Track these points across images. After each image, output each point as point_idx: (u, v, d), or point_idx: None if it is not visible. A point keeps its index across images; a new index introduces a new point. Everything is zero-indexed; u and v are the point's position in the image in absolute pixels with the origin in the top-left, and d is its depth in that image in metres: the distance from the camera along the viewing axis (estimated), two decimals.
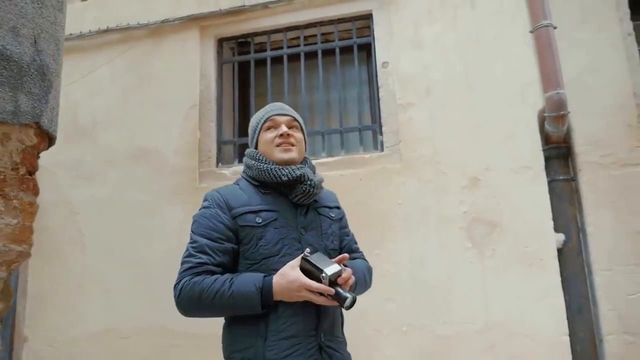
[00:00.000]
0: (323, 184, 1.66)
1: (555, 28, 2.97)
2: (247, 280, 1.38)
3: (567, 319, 2.75)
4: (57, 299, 3.48)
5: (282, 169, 1.52)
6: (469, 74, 3.10)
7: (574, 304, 2.80)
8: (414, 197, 3.04)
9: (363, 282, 1.59)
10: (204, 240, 1.45)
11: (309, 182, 1.52)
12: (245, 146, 3.62)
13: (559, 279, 2.79)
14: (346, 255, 1.42)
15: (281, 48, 3.64)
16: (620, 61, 2.94)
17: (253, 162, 1.57)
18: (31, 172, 1.15)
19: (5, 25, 1.09)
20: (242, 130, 3.68)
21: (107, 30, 3.78)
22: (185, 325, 3.22)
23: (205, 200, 1.56)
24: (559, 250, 2.84)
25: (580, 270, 2.85)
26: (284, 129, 1.57)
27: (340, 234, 1.66)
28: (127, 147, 3.60)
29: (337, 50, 3.49)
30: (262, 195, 1.54)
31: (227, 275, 1.41)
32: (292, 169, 1.52)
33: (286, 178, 1.50)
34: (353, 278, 1.41)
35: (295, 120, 1.65)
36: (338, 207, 1.71)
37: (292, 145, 1.57)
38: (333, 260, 1.38)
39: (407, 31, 3.28)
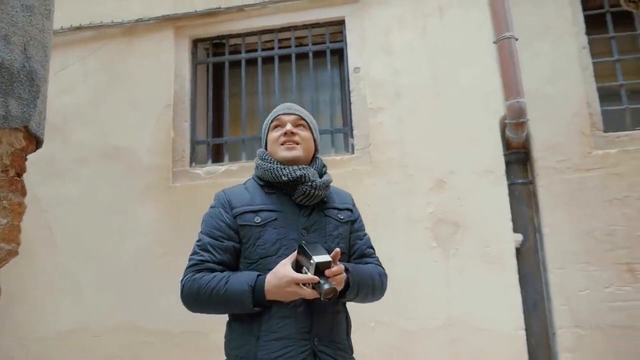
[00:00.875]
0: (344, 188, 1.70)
1: (517, 40, 3.13)
2: (242, 278, 1.41)
3: (524, 314, 2.92)
4: (26, 298, 3.45)
5: (283, 168, 1.52)
6: (437, 81, 3.25)
7: (529, 300, 2.98)
8: (382, 198, 3.17)
9: (370, 285, 1.54)
10: (207, 239, 1.50)
11: (309, 184, 1.50)
12: (218, 147, 3.71)
13: (517, 276, 2.96)
14: (338, 250, 1.38)
15: (255, 50, 3.70)
16: (575, 73, 3.14)
17: (260, 161, 1.59)
18: (20, 173, 1.20)
19: None
20: (216, 130, 3.74)
21: (80, 28, 3.77)
22: (157, 323, 3.27)
23: (213, 200, 1.60)
24: (517, 250, 3.02)
25: (536, 268, 3.03)
26: (288, 127, 1.58)
27: (352, 237, 1.63)
28: (99, 145, 3.60)
29: (311, 55, 3.58)
30: (266, 195, 1.55)
31: (225, 273, 1.44)
32: (293, 169, 1.51)
33: (286, 178, 1.50)
34: (344, 275, 1.39)
35: (302, 119, 1.64)
36: (350, 210, 1.67)
37: (297, 144, 1.57)
38: (329, 255, 1.35)
39: (379, 38, 3.41)
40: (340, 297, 1.44)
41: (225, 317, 1.58)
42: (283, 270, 1.36)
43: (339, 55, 3.67)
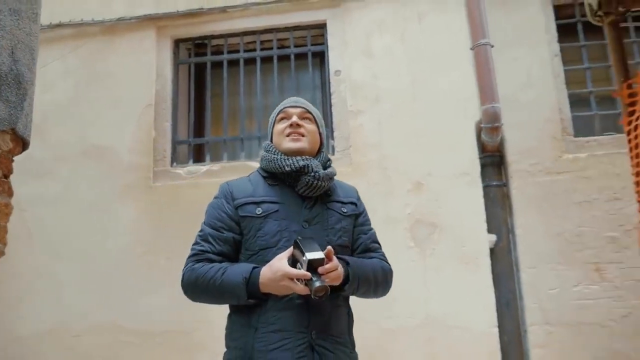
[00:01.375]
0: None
1: (492, 47, 3.23)
2: (237, 270, 1.42)
3: (497, 312, 3.02)
4: (4, 298, 3.41)
5: (287, 159, 1.52)
6: (415, 85, 3.33)
7: (502, 298, 3.09)
8: (362, 199, 3.22)
9: (371, 280, 1.52)
10: (208, 229, 1.51)
11: (312, 174, 1.50)
12: (200, 147, 3.73)
13: (491, 276, 3.07)
14: (330, 248, 1.36)
15: (238, 52, 3.73)
16: (548, 79, 3.26)
17: (264, 152, 1.60)
18: (6, 175, 1.22)
19: None
20: (197, 130, 3.75)
21: (60, 25, 3.74)
22: (137, 322, 3.28)
23: (217, 191, 1.61)
24: (491, 250, 3.12)
25: (509, 268, 3.14)
26: (294, 119, 1.58)
27: (356, 231, 1.62)
28: (79, 144, 3.58)
29: (292, 57, 3.63)
30: (269, 186, 1.55)
31: (223, 264, 1.45)
32: (296, 160, 1.51)
33: (289, 168, 1.50)
34: (339, 272, 1.37)
35: (309, 112, 1.64)
36: (355, 204, 1.66)
37: (302, 136, 1.57)
38: (323, 251, 1.34)
39: (359, 41, 3.47)
40: (339, 290, 1.43)
41: (209, 316, 1.61)
42: (278, 264, 1.35)
43: (321, 57, 3.73)
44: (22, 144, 1.29)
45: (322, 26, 3.63)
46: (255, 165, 3.31)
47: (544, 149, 3.18)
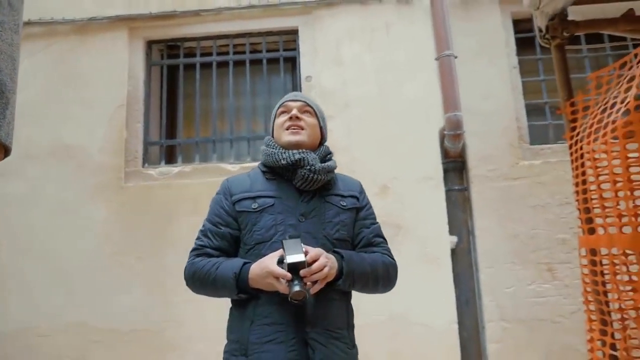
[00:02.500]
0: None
1: (456, 57, 3.41)
2: (229, 265, 1.44)
3: (457, 309, 3.19)
4: None
5: (284, 152, 1.53)
6: (382, 93, 3.47)
7: (462, 296, 3.26)
8: None
9: (369, 274, 1.50)
10: (208, 225, 1.55)
11: (308, 167, 1.50)
12: (171, 148, 3.76)
13: (452, 275, 3.23)
14: (318, 252, 1.36)
15: (210, 54, 3.78)
16: (506, 90, 3.45)
17: (263, 147, 1.62)
18: None
19: None
20: (169, 132, 3.79)
21: (30, 23, 3.70)
22: (107, 321, 3.30)
23: (219, 187, 1.63)
24: (452, 251, 3.29)
25: (469, 267, 3.32)
26: (293, 112, 1.59)
27: (357, 225, 1.60)
28: (48, 144, 3.56)
29: (265, 61, 3.71)
30: (267, 181, 1.57)
31: (219, 259, 1.48)
32: (292, 153, 1.51)
33: (285, 162, 1.51)
34: (323, 273, 1.34)
35: (309, 105, 1.64)
36: (356, 197, 1.63)
37: (302, 129, 1.57)
38: (306, 252, 1.34)
39: (330, 49, 3.59)
40: (333, 285, 1.42)
41: (179, 316, 1.67)
42: (267, 261, 1.37)
43: (292, 62, 3.82)
44: (4, 150, 1.34)
45: (294, 32, 3.73)
46: (227, 167, 3.41)
47: (502, 156, 3.36)
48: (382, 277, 1.54)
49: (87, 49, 3.71)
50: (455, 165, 3.42)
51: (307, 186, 1.52)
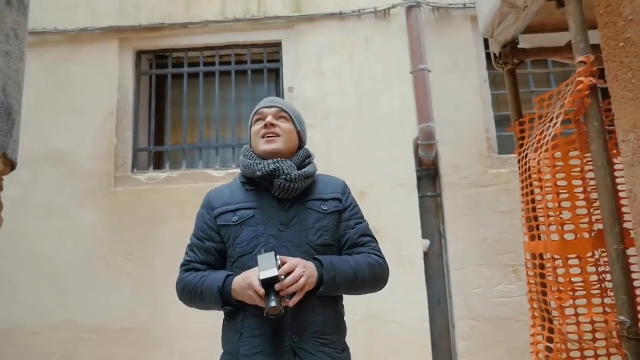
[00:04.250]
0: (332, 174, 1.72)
1: (430, 72, 3.62)
2: (214, 279, 1.45)
3: (429, 309, 3.40)
4: None
5: (259, 163, 1.51)
6: (361, 104, 3.67)
7: (434, 297, 3.47)
8: None
9: (352, 277, 1.46)
10: (194, 240, 1.56)
11: (284, 177, 1.47)
12: (160, 154, 3.93)
13: (424, 276, 3.44)
14: (294, 264, 1.36)
15: (198, 65, 3.96)
16: (477, 103, 3.66)
17: (242, 158, 1.59)
18: None
19: None
20: (158, 139, 3.95)
21: None
22: (95, 320, 3.45)
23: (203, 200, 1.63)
24: (425, 254, 3.49)
25: (440, 269, 3.52)
26: (268, 119, 1.55)
27: (342, 227, 1.56)
28: (39, 150, 3.69)
29: (249, 72, 3.89)
30: (246, 192, 1.55)
31: (205, 273, 1.49)
32: (267, 164, 1.49)
33: (260, 173, 1.49)
34: (300, 284, 1.34)
35: (284, 111, 1.60)
36: (339, 199, 1.59)
37: (277, 136, 1.54)
38: (283, 264, 1.35)
39: (311, 61, 3.78)
40: (315, 293, 1.41)
41: (166, 315, 1.80)
42: (249, 273, 1.37)
43: (276, 74, 4.01)
44: (11, 165, 1.51)
45: (277, 45, 3.92)
46: (213, 173, 3.59)
47: (472, 165, 3.58)
48: (370, 279, 1.51)
49: (79, 58, 3.86)
50: (428, 173, 3.63)
51: (285, 195, 1.50)
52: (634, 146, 1.23)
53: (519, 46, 2.09)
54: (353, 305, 3.41)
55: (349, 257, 1.52)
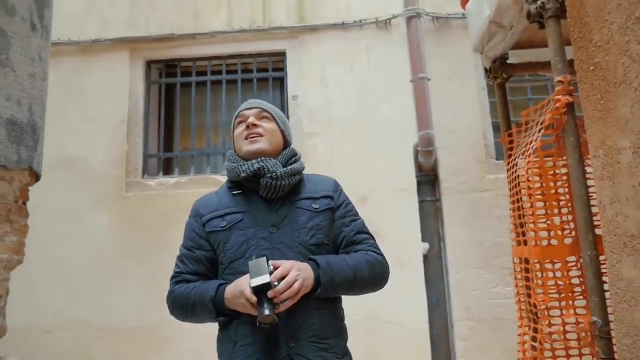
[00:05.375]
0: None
1: (429, 80, 3.74)
2: (205, 288, 1.40)
3: (428, 310, 3.52)
4: None
5: (243, 165, 1.47)
6: (362, 112, 3.80)
7: (433, 298, 3.59)
8: None
9: (351, 276, 1.41)
10: (183, 250, 1.52)
11: (269, 175, 1.43)
12: (169, 160, 4.07)
13: (423, 278, 3.56)
14: (287, 268, 1.30)
15: (205, 74, 4.10)
16: (475, 110, 3.78)
17: (226, 162, 1.56)
18: (25, 202, 1.58)
19: (14, 99, 1.53)
20: (167, 145, 4.11)
21: None
22: (106, 319, 3.61)
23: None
24: (424, 256, 3.62)
25: (439, 272, 3.64)
26: (250, 120, 1.52)
27: (336, 225, 1.51)
28: (54, 156, 3.82)
29: (255, 81, 4.04)
30: (233, 196, 1.51)
31: (196, 284, 1.44)
32: (251, 163, 1.45)
33: (244, 174, 1.45)
34: (294, 288, 1.28)
35: (265, 111, 1.57)
36: (330, 197, 1.53)
37: (260, 136, 1.51)
38: (276, 268, 1.30)
39: (314, 71, 3.91)
40: (311, 295, 1.36)
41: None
42: (241, 281, 1.32)
43: (280, 82, 4.14)
44: (36, 177, 1.66)
45: (282, 54, 4.05)
46: (220, 178, 3.74)
47: (470, 170, 3.69)
48: (369, 277, 1.46)
49: (91, 68, 4.02)
50: (428, 179, 3.75)
51: (272, 194, 1.46)
52: (602, 161, 1.35)
53: (508, 61, 2.21)
54: (353, 305, 3.53)
55: (346, 255, 1.46)
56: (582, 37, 1.44)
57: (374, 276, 1.48)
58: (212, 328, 1.46)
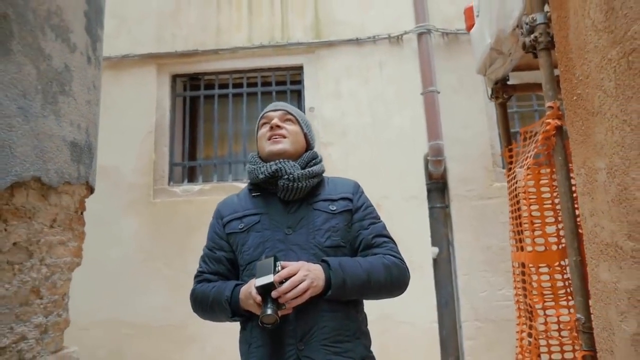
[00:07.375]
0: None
1: (439, 93, 3.95)
2: (222, 289, 1.42)
3: (437, 311, 3.72)
4: None
5: (262, 166, 1.49)
6: (375, 122, 4.02)
7: (442, 299, 3.79)
8: None
9: (365, 279, 1.37)
10: (206, 250, 1.55)
11: (286, 176, 1.44)
12: (193, 168, 4.33)
13: (433, 281, 3.76)
14: (294, 268, 1.29)
15: (227, 87, 4.36)
16: (483, 121, 3.97)
17: (247, 165, 1.58)
18: (82, 212, 1.83)
19: (75, 123, 1.79)
20: (191, 154, 4.37)
21: None
22: (137, 317, 3.87)
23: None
24: (434, 260, 3.82)
25: (448, 274, 3.84)
26: (274, 121, 1.54)
27: (354, 228, 1.48)
28: None
29: (274, 94, 4.28)
30: (253, 198, 1.52)
31: (216, 283, 1.46)
32: (269, 165, 1.47)
33: (263, 175, 1.46)
34: (300, 288, 1.26)
35: (289, 113, 1.59)
36: (349, 199, 1.51)
37: (283, 137, 1.52)
38: (284, 269, 1.28)
39: (330, 84, 4.14)
40: (323, 297, 1.34)
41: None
42: (252, 282, 1.31)
43: (298, 94, 4.38)
44: (90, 190, 1.91)
45: (299, 68, 4.29)
46: (241, 185, 3.98)
47: (478, 178, 3.89)
48: (385, 281, 1.40)
49: (121, 82, 4.30)
50: (437, 186, 3.95)
51: (290, 196, 1.46)
52: (583, 179, 1.55)
53: (509, 82, 2.41)
54: (368, 306, 3.76)
55: (361, 258, 1.43)
56: (567, 70, 1.65)
57: (390, 280, 1.42)
58: (235, 326, 1.49)
